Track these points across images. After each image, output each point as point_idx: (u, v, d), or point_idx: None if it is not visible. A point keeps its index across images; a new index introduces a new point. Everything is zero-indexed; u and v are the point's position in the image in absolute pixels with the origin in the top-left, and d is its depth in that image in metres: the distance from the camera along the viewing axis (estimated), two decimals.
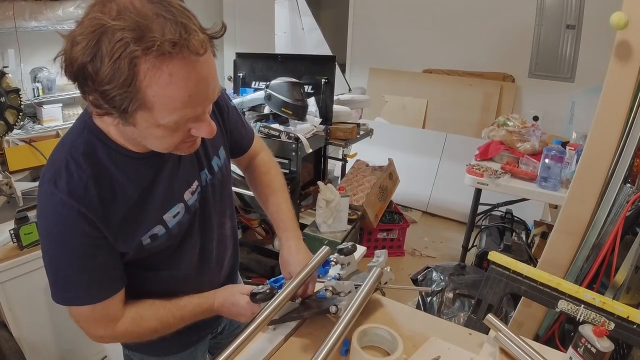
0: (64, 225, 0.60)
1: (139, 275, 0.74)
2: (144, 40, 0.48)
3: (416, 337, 0.83)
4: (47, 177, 0.62)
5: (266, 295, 0.77)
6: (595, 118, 1.17)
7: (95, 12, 0.50)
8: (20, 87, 1.96)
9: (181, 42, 0.50)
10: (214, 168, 0.79)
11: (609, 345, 0.71)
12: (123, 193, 0.64)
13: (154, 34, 0.48)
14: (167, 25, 0.49)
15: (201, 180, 0.77)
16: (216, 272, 0.87)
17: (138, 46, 0.48)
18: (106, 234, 0.63)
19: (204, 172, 0.77)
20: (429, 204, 3.29)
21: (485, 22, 3.21)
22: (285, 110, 2.03)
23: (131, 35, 0.48)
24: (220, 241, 0.85)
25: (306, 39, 3.20)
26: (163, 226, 0.70)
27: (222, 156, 0.81)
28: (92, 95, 0.52)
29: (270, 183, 0.95)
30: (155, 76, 0.50)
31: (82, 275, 0.63)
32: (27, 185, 1.70)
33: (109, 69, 0.49)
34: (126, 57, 0.48)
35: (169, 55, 0.49)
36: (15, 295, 1.41)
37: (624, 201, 1.16)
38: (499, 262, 0.98)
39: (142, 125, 0.56)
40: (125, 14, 0.49)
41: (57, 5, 2.43)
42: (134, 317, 0.70)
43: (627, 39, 1.10)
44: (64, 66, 0.53)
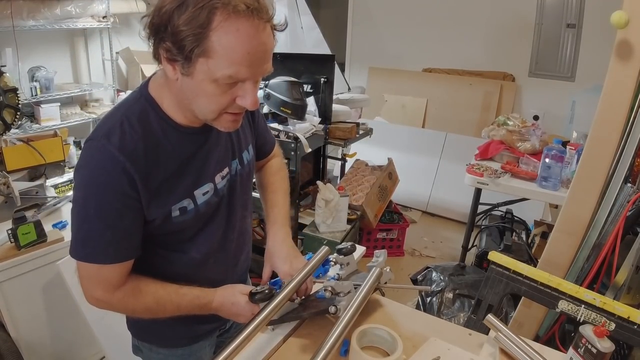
0: (105, 178, 0.65)
1: (159, 254, 0.78)
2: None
3: (416, 337, 0.82)
4: (100, 133, 0.67)
5: (265, 295, 0.76)
6: (595, 117, 1.17)
7: None
8: (17, 86, 1.95)
9: (254, 6, 0.59)
10: (244, 160, 0.85)
11: (609, 346, 0.70)
12: (165, 160, 0.70)
13: None
14: None
15: (231, 169, 0.82)
16: (232, 265, 0.89)
17: (219, 1, 0.57)
18: (142, 196, 0.68)
19: (235, 162, 0.83)
20: (429, 203, 3.29)
21: (485, 21, 3.21)
22: (284, 110, 2.03)
23: None
24: (240, 233, 0.89)
25: (305, 38, 3.20)
26: (192, 201, 0.74)
27: (250, 152, 0.88)
28: (166, 42, 0.60)
29: (275, 183, 0.99)
30: (225, 26, 0.58)
31: (104, 232, 0.67)
32: (25, 185, 1.69)
33: (190, 14, 0.57)
34: (207, 8, 0.57)
35: (241, 14, 0.58)
36: (12, 295, 1.40)
37: (624, 201, 1.15)
38: (499, 262, 0.98)
39: (199, 76, 0.62)
40: None
41: (55, 4, 2.42)
42: (134, 288, 0.73)
43: (627, 38, 1.09)
44: (152, 16, 0.61)
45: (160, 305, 0.74)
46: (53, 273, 1.42)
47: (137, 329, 0.90)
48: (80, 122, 2.77)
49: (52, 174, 1.97)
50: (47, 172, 1.89)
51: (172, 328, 0.84)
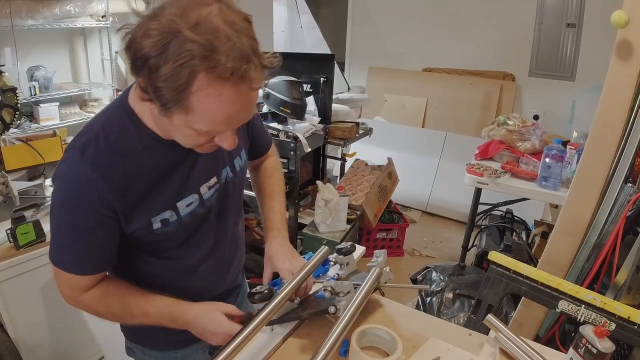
0: (77, 193, 0.64)
1: (147, 261, 0.77)
2: (209, 59, 0.52)
3: (416, 337, 0.82)
4: (76, 144, 0.66)
5: (264, 295, 0.76)
6: (596, 117, 1.17)
7: (174, 15, 0.53)
8: (16, 86, 1.94)
9: (240, 72, 0.54)
10: (236, 167, 0.83)
11: (610, 346, 0.70)
12: (145, 173, 0.68)
13: (219, 57, 0.52)
14: (232, 51, 0.53)
15: (221, 177, 0.80)
16: (224, 272, 0.89)
17: (202, 62, 0.52)
18: (118, 211, 0.66)
19: (226, 170, 0.81)
20: (429, 203, 3.29)
21: (485, 21, 3.20)
22: (283, 109, 2.02)
23: (199, 51, 0.52)
24: (233, 240, 0.88)
25: (305, 38, 3.20)
26: (175, 213, 0.72)
27: (243, 158, 0.86)
28: (144, 81, 0.56)
29: (270, 186, 0.98)
30: (206, 91, 0.54)
31: (75, 244, 0.67)
32: (24, 185, 1.69)
33: (169, 70, 0.52)
34: (188, 67, 0.52)
35: (225, 79, 0.54)
36: (11, 295, 1.40)
37: (625, 201, 1.15)
38: (499, 262, 0.98)
39: (176, 122, 0.60)
40: (201, 28, 0.52)
41: (54, 3, 2.42)
42: (102, 292, 0.73)
43: (628, 38, 1.09)
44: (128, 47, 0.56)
45: (127, 310, 0.72)
46: (52, 273, 1.41)
47: (129, 331, 0.90)
48: (79, 121, 2.76)
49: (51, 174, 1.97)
50: (46, 172, 1.88)
51: (163, 331, 0.78)
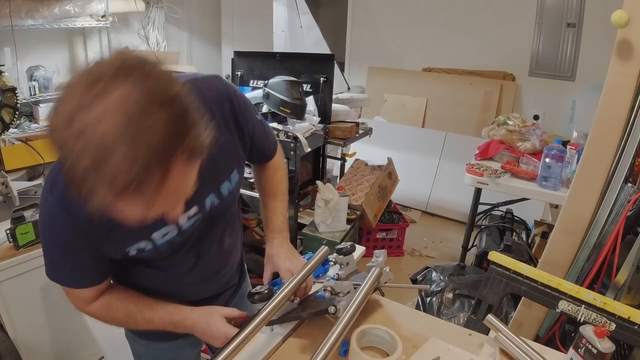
0: (52, 224, 0.65)
1: (131, 272, 0.77)
2: (99, 173, 0.45)
3: (416, 337, 0.82)
4: (47, 179, 0.66)
5: (264, 295, 0.76)
6: (596, 117, 1.16)
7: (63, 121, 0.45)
8: (16, 86, 1.94)
9: (133, 184, 0.46)
10: (224, 192, 0.77)
11: (610, 346, 0.70)
12: None
13: (107, 170, 0.44)
14: (124, 161, 0.44)
15: (205, 207, 0.75)
16: (211, 280, 0.88)
17: (93, 175, 0.45)
18: (92, 240, 0.66)
19: (210, 198, 0.75)
20: (429, 203, 3.29)
21: (485, 20, 3.20)
22: (283, 109, 2.02)
23: (87, 164, 0.45)
24: (220, 252, 0.85)
25: (305, 38, 3.19)
26: (150, 242, 0.71)
27: (234, 180, 0.79)
28: None
29: (273, 186, 0.96)
30: (109, 207, 0.48)
31: (65, 264, 0.69)
32: (24, 185, 1.69)
33: (68, 183, 0.48)
34: (80, 180, 0.46)
35: (118, 194, 0.46)
36: (11, 295, 1.40)
37: (625, 201, 1.15)
38: (499, 262, 0.98)
39: None
40: (87, 136, 0.44)
41: (54, 3, 2.42)
42: (105, 303, 0.74)
43: (628, 38, 1.09)
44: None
45: (131, 319, 0.75)
46: None
47: None
48: None
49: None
50: (45, 172, 1.88)
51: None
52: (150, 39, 3.42)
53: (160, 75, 0.48)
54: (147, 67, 0.47)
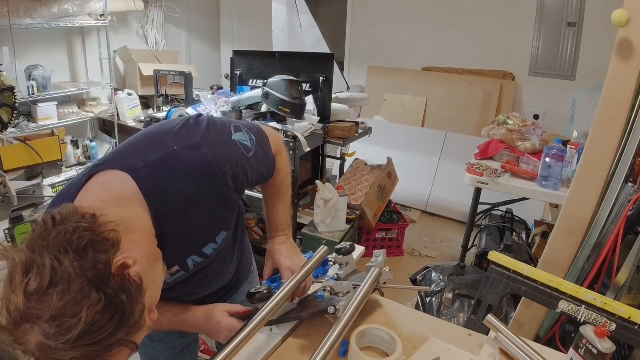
0: None
1: None
2: None
3: (415, 338, 0.82)
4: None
5: (264, 295, 0.76)
6: (596, 116, 1.16)
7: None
8: (14, 85, 1.94)
9: None
10: (207, 253, 0.76)
11: (610, 347, 0.70)
12: None
13: None
14: None
15: (187, 266, 0.75)
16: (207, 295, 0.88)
17: None
18: None
19: (191, 259, 0.75)
20: (429, 203, 3.28)
21: (485, 20, 3.20)
22: (283, 109, 2.02)
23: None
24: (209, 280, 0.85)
25: (304, 37, 3.19)
26: None
27: (220, 239, 0.77)
28: None
29: (277, 185, 0.95)
30: None
31: None
32: (22, 185, 1.68)
33: None
34: None
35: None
36: None
37: (625, 201, 1.15)
38: (499, 262, 0.98)
39: None
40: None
41: (52, 2, 2.41)
42: None
43: (628, 37, 1.09)
44: None
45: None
46: None
47: None
48: (77, 121, 2.76)
49: (49, 174, 1.97)
50: (44, 172, 1.88)
51: None
52: (149, 39, 3.42)
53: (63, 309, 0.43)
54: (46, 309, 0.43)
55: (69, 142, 2.70)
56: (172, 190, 0.64)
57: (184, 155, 0.65)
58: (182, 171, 0.65)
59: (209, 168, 0.67)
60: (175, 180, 0.64)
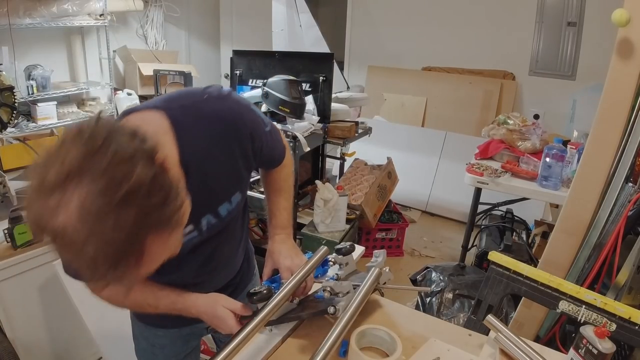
0: None
1: None
2: (79, 272, 0.48)
3: (415, 338, 0.82)
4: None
5: (264, 295, 0.75)
6: (596, 116, 1.16)
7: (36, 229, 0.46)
8: (14, 85, 1.94)
9: (111, 278, 0.47)
10: (221, 213, 0.77)
11: (610, 347, 0.70)
12: None
13: (85, 271, 0.47)
14: (97, 261, 0.45)
15: (200, 225, 0.75)
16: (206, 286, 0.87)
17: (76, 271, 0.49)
18: None
19: (206, 218, 0.76)
20: (429, 203, 3.28)
21: (485, 19, 3.19)
22: (282, 109, 2.02)
23: (68, 260, 0.47)
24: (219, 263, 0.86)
25: (304, 37, 3.19)
26: None
27: (235, 201, 0.79)
28: None
29: (279, 182, 0.96)
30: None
31: None
32: (21, 184, 1.68)
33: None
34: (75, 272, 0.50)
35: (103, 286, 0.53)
36: (9, 295, 1.39)
37: (625, 200, 1.15)
38: (499, 262, 0.98)
39: None
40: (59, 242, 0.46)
41: (52, 2, 2.41)
42: (113, 292, 0.73)
43: (628, 37, 1.09)
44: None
45: (138, 306, 0.79)
46: (50, 273, 1.41)
47: None
48: (77, 120, 2.76)
49: None
50: None
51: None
52: (149, 38, 3.42)
53: (115, 165, 0.45)
54: (98, 163, 0.44)
55: None
56: (200, 133, 0.67)
57: (214, 104, 0.70)
58: (212, 116, 0.69)
59: (234, 120, 0.71)
60: (205, 123, 0.68)
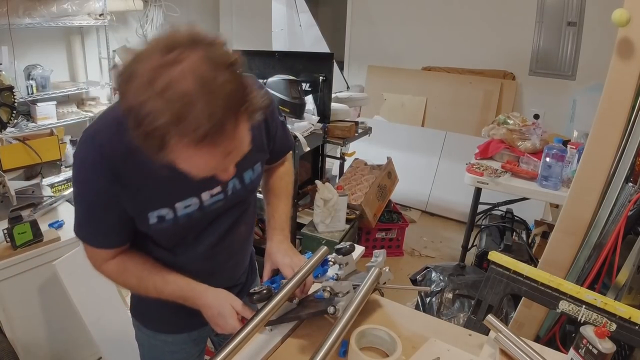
0: (89, 176, 0.69)
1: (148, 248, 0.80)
2: (179, 127, 0.52)
3: (415, 338, 0.82)
4: (90, 130, 0.69)
5: (263, 295, 0.75)
6: (596, 116, 1.16)
7: (143, 83, 0.52)
8: (13, 85, 1.94)
9: (210, 137, 0.53)
10: (246, 179, 0.82)
11: (610, 347, 0.70)
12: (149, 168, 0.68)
13: (189, 124, 0.52)
14: (203, 113, 0.52)
15: (227, 188, 0.79)
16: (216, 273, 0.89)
17: (172, 130, 0.52)
18: (121, 195, 0.69)
19: (233, 181, 0.80)
20: (428, 203, 3.28)
21: (485, 19, 3.19)
22: (282, 108, 2.01)
23: (169, 119, 0.52)
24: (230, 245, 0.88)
25: (304, 36, 3.19)
26: (172, 211, 0.74)
27: (257, 170, 0.85)
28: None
29: (279, 188, 0.99)
30: (180, 156, 0.56)
31: (92, 222, 0.73)
32: (21, 184, 1.67)
33: (142, 135, 0.53)
34: (159, 136, 0.53)
35: (196, 145, 0.54)
36: (8, 295, 1.39)
37: (625, 200, 1.15)
38: (499, 262, 0.97)
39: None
40: (170, 94, 0.52)
41: (51, 2, 2.41)
42: (120, 265, 0.77)
43: (629, 36, 1.09)
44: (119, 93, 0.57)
45: (142, 287, 0.78)
46: (49, 273, 1.41)
47: (132, 306, 0.96)
48: (76, 120, 2.76)
49: (48, 173, 1.96)
50: (43, 172, 1.87)
51: (157, 311, 0.88)
52: (149, 38, 3.41)
53: (221, 45, 0.58)
54: (210, 39, 0.57)
55: (68, 142, 2.68)
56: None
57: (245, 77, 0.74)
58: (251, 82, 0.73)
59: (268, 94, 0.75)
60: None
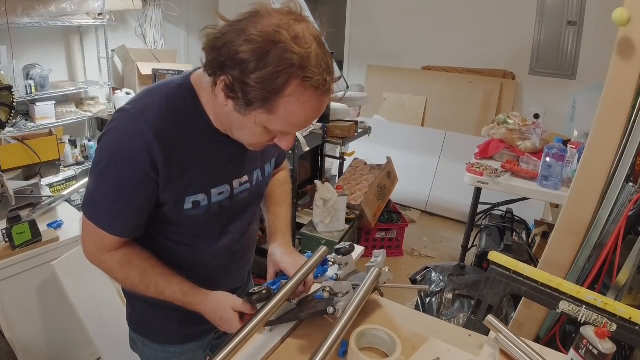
0: (130, 151, 0.67)
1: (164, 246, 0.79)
2: (305, 69, 0.59)
3: (415, 338, 0.82)
4: (136, 106, 0.69)
5: (263, 296, 0.75)
6: (597, 116, 1.16)
7: (277, 27, 0.59)
8: (12, 84, 1.93)
9: (327, 84, 0.62)
10: (265, 172, 0.87)
11: (611, 347, 0.70)
12: (191, 151, 0.72)
13: (312, 68, 0.60)
14: (321, 65, 0.61)
15: (252, 178, 0.83)
16: (233, 270, 0.91)
17: (299, 71, 0.59)
18: (161, 177, 0.69)
19: (257, 172, 0.84)
20: (428, 203, 3.28)
21: (485, 19, 3.19)
22: None
23: (298, 61, 0.59)
24: (246, 241, 0.90)
25: None
26: (207, 197, 0.75)
27: (272, 165, 0.90)
28: (230, 79, 0.61)
29: (279, 195, 1.00)
30: (296, 97, 0.61)
31: (116, 203, 0.70)
32: (20, 184, 1.67)
33: (267, 74, 0.58)
34: (287, 74, 0.59)
35: (315, 89, 0.61)
36: (7, 296, 1.39)
37: (626, 200, 1.15)
38: (499, 262, 0.97)
39: (251, 120, 0.65)
40: (300, 41, 0.59)
41: (50, 1, 2.40)
42: (125, 258, 0.75)
43: (629, 36, 1.08)
44: (217, 47, 0.61)
45: (144, 284, 0.76)
46: (48, 273, 1.40)
47: (133, 322, 0.92)
48: (75, 120, 2.75)
49: (47, 173, 1.96)
50: (42, 171, 1.87)
51: (165, 325, 0.87)
52: (148, 37, 3.41)
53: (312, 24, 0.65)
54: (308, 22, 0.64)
55: (67, 142, 2.69)
56: None
57: None
58: None
59: None
60: None
